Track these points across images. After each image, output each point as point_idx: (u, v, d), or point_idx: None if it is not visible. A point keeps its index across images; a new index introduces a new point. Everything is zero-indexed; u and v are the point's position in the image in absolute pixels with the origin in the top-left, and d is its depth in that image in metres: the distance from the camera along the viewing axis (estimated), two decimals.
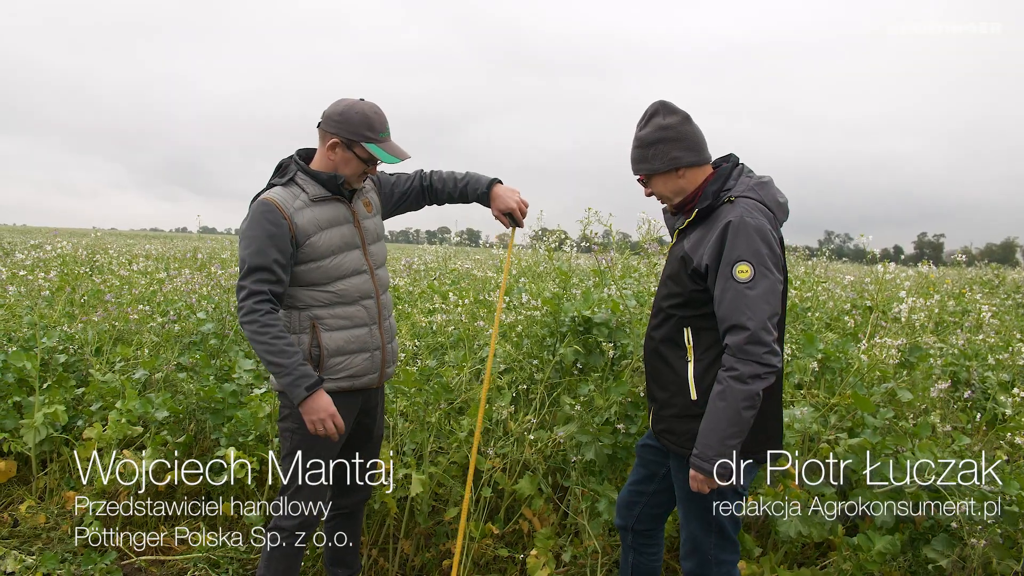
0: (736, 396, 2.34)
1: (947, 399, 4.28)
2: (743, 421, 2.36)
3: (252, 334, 2.68)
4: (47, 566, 3.42)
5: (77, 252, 7.05)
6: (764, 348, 2.33)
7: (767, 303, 2.35)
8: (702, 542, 2.63)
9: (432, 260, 7.51)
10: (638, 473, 2.91)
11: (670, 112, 2.57)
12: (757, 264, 2.35)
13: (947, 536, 3.44)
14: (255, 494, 3.77)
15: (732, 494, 2.57)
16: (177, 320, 4.82)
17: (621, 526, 2.97)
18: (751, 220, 2.38)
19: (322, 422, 2.71)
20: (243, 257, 2.71)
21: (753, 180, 2.53)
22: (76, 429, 4.10)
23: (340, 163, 2.80)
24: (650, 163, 2.58)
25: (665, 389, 2.62)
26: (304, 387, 2.66)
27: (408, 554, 3.66)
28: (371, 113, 2.78)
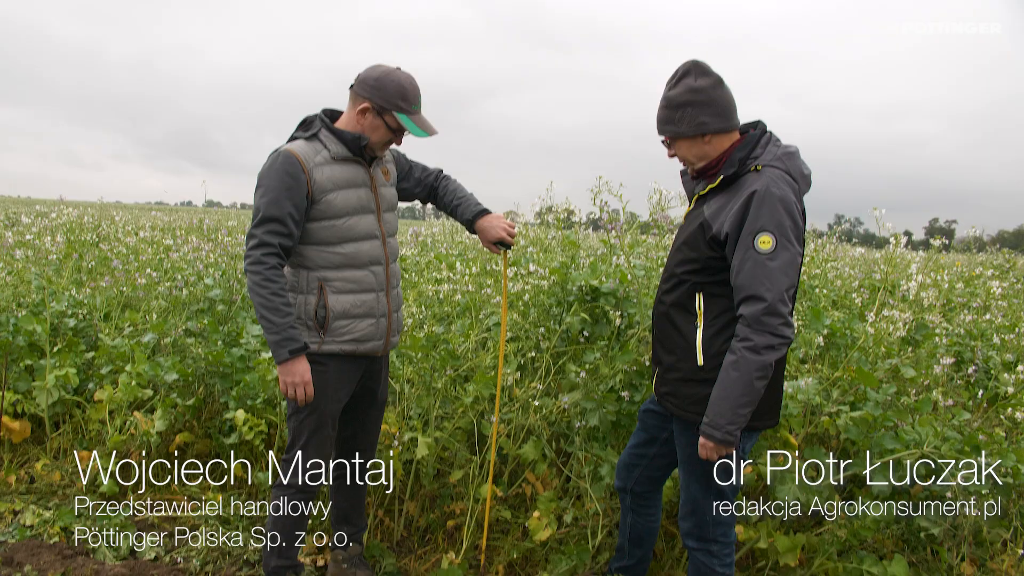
0: (750, 367, 2.40)
1: (950, 376, 4.43)
2: (755, 391, 2.43)
3: (253, 284, 2.76)
4: (64, 520, 3.63)
5: (83, 219, 7.24)
6: (779, 320, 2.38)
7: (786, 275, 2.39)
8: (702, 503, 2.75)
9: (439, 232, 7.67)
10: (639, 437, 3.04)
11: (702, 74, 2.54)
12: (779, 236, 2.38)
13: (941, 506, 3.59)
14: (264, 455, 3.96)
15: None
16: (185, 286, 5.01)
17: (620, 488, 3.12)
18: (777, 191, 2.40)
19: (295, 387, 2.80)
20: (258, 205, 2.77)
21: (780, 150, 2.53)
22: (87, 392, 4.30)
23: (368, 128, 2.87)
24: (676, 126, 2.57)
25: (672, 353, 2.69)
26: (288, 349, 2.75)
27: (413, 515, 3.84)
28: (407, 83, 2.83)
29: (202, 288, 5.02)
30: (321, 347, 2.91)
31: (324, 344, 2.91)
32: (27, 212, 10.03)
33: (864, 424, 3.70)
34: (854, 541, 3.53)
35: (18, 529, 3.59)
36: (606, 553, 3.51)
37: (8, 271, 5.42)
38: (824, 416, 3.87)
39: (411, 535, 3.79)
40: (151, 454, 4.00)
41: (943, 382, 4.42)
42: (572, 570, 3.40)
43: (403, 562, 3.61)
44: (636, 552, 3.20)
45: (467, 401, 3.73)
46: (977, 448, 3.48)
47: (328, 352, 2.92)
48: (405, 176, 3.26)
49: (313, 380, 2.88)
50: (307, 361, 2.82)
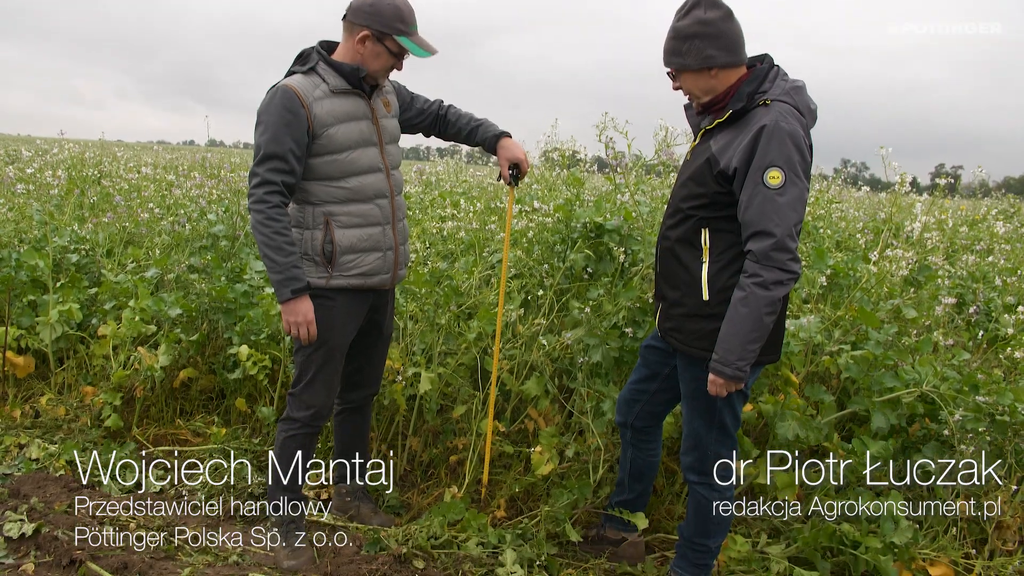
0: (759, 302, 2.38)
1: (951, 317, 4.39)
2: (764, 327, 2.42)
3: (256, 223, 2.73)
4: (69, 454, 3.63)
5: (84, 155, 7.11)
6: (788, 255, 2.36)
7: (794, 211, 2.36)
8: (703, 438, 2.75)
9: (443, 171, 7.56)
10: (640, 372, 3.02)
11: (712, 5, 2.47)
12: (788, 171, 2.34)
13: (937, 443, 3.60)
14: (267, 390, 3.94)
15: (737, 394, 2.67)
16: (188, 222, 4.94)
17: (621, 423, 3.12)
18: (786, 125, 2.36)
19: (298, 326, 2.78)
20: (259, 143, 2.72)
21: (788, 84, 2.48)
22: (91, 327, 4.26)
23: (369, 56, 2.79)
24: (683, 58, 2.51)
25: (676, 288, 2.66)
26: (291, 288, 2.72)
27: (416, 450, 3.84)
28: (402, 5, 2.77)
29: (205, 224, 4.95)
30: (329, 282, 2.87)
31: (332, 279, 2.87)
32: (28, 148, 9.85)
33: (865, 363, 3.68)
34: (851, 478, 3.53)
35: (24, 462, 3.59)
36: (607, 488, 3.51)
37: (9, 207, 5.34)
38: (825, 355, 3.84)
39: (414, 470, 3.80)
40: (155, 389, 3.98)
41: (944, 323, 4.39)
42: (573, 504, 3.41)
43: (406, 496, 3.62)
44: (636, 487, 3.20)
45: (470, 337, 3.69)
46: (975, 387, 3.46)
47: (336, 287, 2.88)
48: (407, 107, 3.19)
49: (321, 315, 2.86)
50: (310, 300, 2.79)
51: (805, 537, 3.25)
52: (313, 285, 2.85)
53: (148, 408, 4.04)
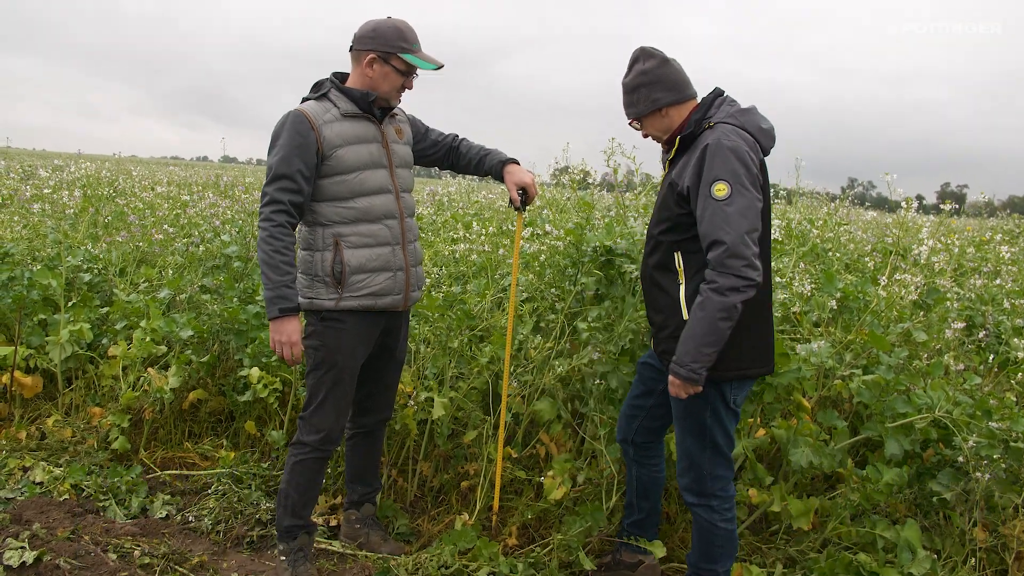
0: (714, 306, 2.41)
1: (961, 341, 4.23)
2: (719, 331, 2.43)
3: (260, 240, 2.73)
4: (74, 477, 3.46)
5: (100, 173, 6.97)
6: (742, 261, 2.38)
7: (744, 218, 2.40)
8: (697, 458, 2.72)
9: (455, 192, 7.43)
10: (637, 388, 3.03)
11: (649, 57, 2.66)
12: (734, 182, 2.40)
13: (952, 470, 3.45)
14: (278, 414, 3.79)
15: (726, 410, 2.67)
16: (201, 243, 4.78)
17: (622, 440, 3.10)
18: (727, 142, 2.44)
19: (282, 345, 2.73)
20: (270, 164, 2.74)
21: (734, 108, 2.59)
22: (101, 347, 4.11)
23: (379, 78, 2.82)
24: (636, 107, 2.69)
25: (660, 312, 2.71)
26: (279, 307, 2.69)
27: (427, 475, 3.68)
28: (402, 26, 2.82)
29: (218, 244, 4.80)
30: (339, 303, 2.82)
31: (342, 300, 2.82)
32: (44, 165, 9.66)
33: (877, 388, 3.53)
34: (867, 505, 3.38)
35: (27, 486, 3.42)
36: (621, 515, 3.35)
37: (24, 224, 5.20)
38: (837, 380, 3.69)
39: (424, 495, 3.64)
40: (164, 411, 3.83)
41: (954, 347, 4.23)
42: (586, 531, 3.25)
43: (416, 523, 3.46)
44: (644, 505, 3.15)
45: (483, 361, 3.54)
46: (988, 412, 3.31)
47: (346, 308, 2.83)
48: (421, 138, 3.20)
49: (331, 337, 2.83)
50: (298, 322, 2.75)
51: (821, 568, 3.10)
52: (324, 307, 2.82)
53: (156, 430, 3.88)
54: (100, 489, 3.43)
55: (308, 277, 2.85)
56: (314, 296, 2.84)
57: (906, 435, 3.40)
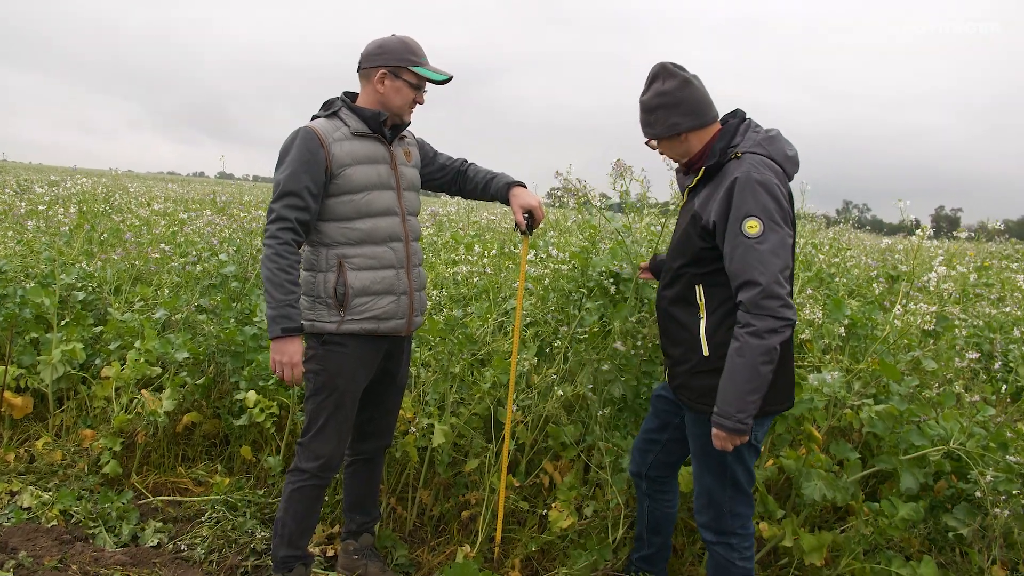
0: (754, 352, 2.26)
1: (974, 371, 4.11)
2: (762, 376, 2.29)
3: (264, 257, 2.62)
4: (63, 503, 3.28)
5: (96, 190, 6.80)
6: (778, 302, 2.25)
7: (778, 257, 2.27)
8: (717, 496, 2.58)
9: (456, 212, 7.29)
10: (652, 422, 2.88)
11: (669, 76, 2.47)
12: (766, 219, 2.27)
13: (968, 505, 3.32)
14: (274, 438, 3.63)
15: (748, 447, 2.52)
16: (198, 261, 4.63)
17: (635, 473, 2.95)
18: (757, 175, 2.30)
19: (283, 366, 2.61)
20: (277, 180, 2.65)
21: (760, 135, 2.44)
22: (93, 368, 3.94)
23: (390, 93, 2.74)
24: (653, 128, 2.52)
25: (678, 346, 2.57)
26: (281, 327, 2.57)
27: (427, 504, 3.53)
28: (408, 40, 2.76)
29: (216, 263, 4.65)
30: (341, 326, 2.70)
31: (344, 323, 2.70)
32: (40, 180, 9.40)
33: (890, 419, 3.39)
34: (881, 540, 3.23)
35: (15, 512, 3.25)
36: (628, 547, 3.20)
37: (18, 240, 5.04)
38: (847, 409, 3.55)
39: (424, 525, 3.48)
40: (158, 434, 3.66)
41: (965, 376, 4.11)
42: (592, 565, 3.10)
43: (416, 553, 3.29)
44: (655, 540, 3.01)
45: (484, 387, 3.39)
46: (1004, 445, 3.18)
47: (348, 332, 2.71)
48: (429, 162, 3.11)
49: (333, 360, 2.71)
50: (300, 343, 2.63)
51: None
52: (325, 330, 2.70)
53: (149, 454, 3.71)
54: (90, 515, 3.26)
55: (310, 299, 2.73)
56: (316, 318, 2.71)
57: (919, 467, 3.27)
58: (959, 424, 3.35)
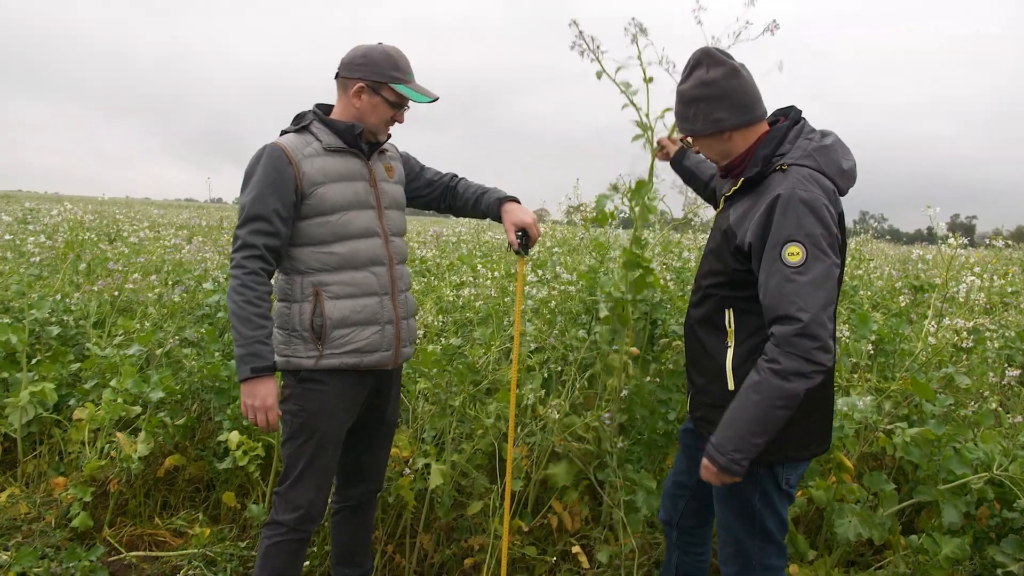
0: (772, 392, 1.90)
1: (1010, 385, 3.76)
2: (774, 420, 1.94)
3: (230, 289, 2.31)
4: (23, 563, 2.87)
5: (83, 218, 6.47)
6: (815, 343, 1.87)
7: (821, 289, 1.89)
8: (746, 546, 2.19)
9: (465, 232, 6.91)
10: (681, 462, 2.50)
11: (715, 63, 2.07)
12: (809, 245, 1.89)
13: (1017, 538, 2.94)
14: (259, 484, 3.27)
15: (779, 493, 2.14)
16: (186, 291, 4.27)
17: (666, 521, 2.55)
18: (803, 193, 1.92)
19: (255, 410, 2.29)
20: (242, 203, 2.33)
21: (812, 143, 2.04)
22: (69, 409, 3.59)
23: (367, 109, 2.42)
24: (691, 123, 2.13)
25: (702, 375, 2.22)
26: (251, 367, 2.25)
27: (427, 550, 3.16)
28: (395, 53, 2.43)
29: (202, 293, 4.30)
30: (319, 362, 2.36)
31: (322, 358, 2.36)
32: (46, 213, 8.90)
33: (926, 444, 3.03)
34: None
35: None
36: None
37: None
38: (879, 433, 3.19)
39: (425, 574, 3.10)
40: (134, 482, 3.30)
41: (1001, 391, 3.75)
42: None
43: None
44: None
45: (487, 422, 3.04)
46: None
47: (327, 367, 2.37)
48: (415, 177, 2.75)
49: (311, 400, 2.37)
50: (274, 383, 2.31)
51: None
52: (302, 366, 2.36)
53: (125, 503, 3.35)
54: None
55: (285, 332, 2.38)
56: (291, 354, 2.37)
57: (960, 496, 2.91)
58: (1000, 446, 2.99)
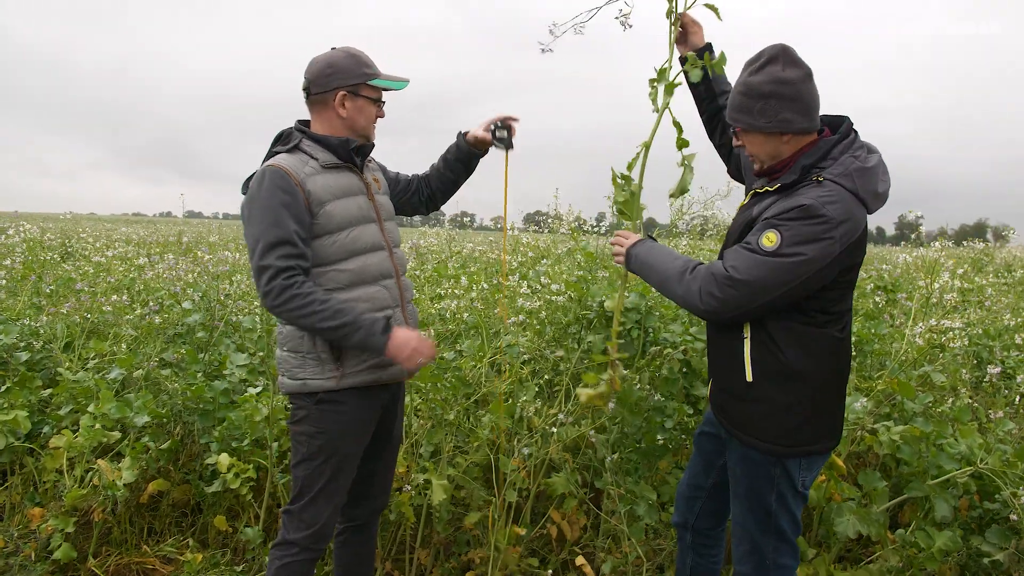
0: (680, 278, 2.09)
1: (978, 380, 3.86)
2: (658, 279, 2.14)
3: (297, 310, 2.15)
4: None
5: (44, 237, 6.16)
6: (720, 294, 2.00)
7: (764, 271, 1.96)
8: (760, 544, 2.19)
9: (435, 243, 6.83)
10: (696, 464, 2.48)
11: (792, 63, 2.01)
12: (789, 243, 1.94)
13: (999, 528, 3.01)
14: (252, 506, 3.13)
15: (793, 494, 2.15)
16: (160, 311, 4.08)
17: (680, 524, 2.54)
18: (824, 209, 1.94)
19: (416, 352, 2.25)
20: (256, 234, 2.17)
21: (856, 164, 2.00)
22: (42, 436, 3.39)
23: (354, 114, 2.35)
24: (754, 118, 2.04)
25: (721, 367, 2.22)
26: (380, 331, 2.19)
27: (425, 565, 3.07)
28: (355, 52, 2.38)
29: (179, 312, 4.10)
30: (341, 382, 2.28)
31: (344, 379, 2.28)
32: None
33: (915, 441, 3.07)
34: (917, 573, 2.90)
35: None
36: None
37: None
38: (866, 432, 3.23)
39: None
40: (118, 509, 3.13)
41: (969, 387, 3.84)
42: None
43: None
44: None
45: (483, 434, 2.97)
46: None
47: (349, 386, 2.29)
48: (394, 182, 2.70)
49: (331, 421, 2.31)
50: (401, 329, 2.26)
51: None
52: (323, 388, 2.27)
53: (109, 531, 3.17)
54: None
55: (298, 355, 2.28)
56: (307, 377, 2.27)
57: (948, 490, 2.96)
58: (982, 440, 3.06)
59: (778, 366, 2.06)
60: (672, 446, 3.16)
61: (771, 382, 2.08)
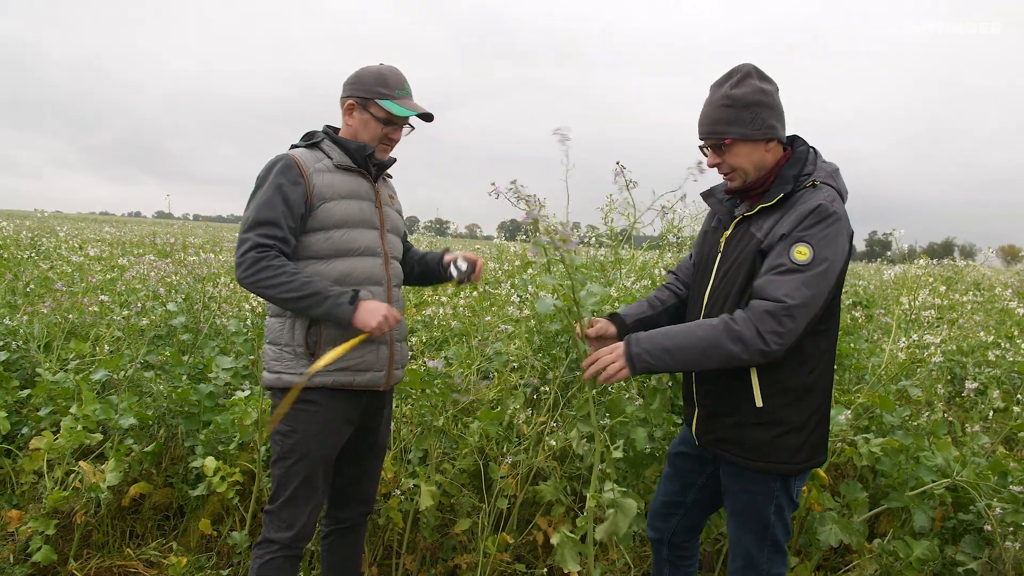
0: (715, 341, 1.97)
1: (951, 395, 3.97)
2: (694, 360, 2.01)
3: (265, 280, 2.21)
4: None
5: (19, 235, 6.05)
6: (779, 327, 1.93)
7: (810, 289, 1.95)
8: (756, 556, 2.23)
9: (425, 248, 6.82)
10: (672, 484, 2.48)
11: (764, 78, 2.13)
12: (819, 251, 1.98)
13: (973, 537, 3.11)
14: (238, 509, 3.12)
15: (789, 504, 2.20)
16: (142, 312, 4.04)
17: (656, 539, 2.55)
18: (839, 210, 2.03)
19: (385, 320, 2.27)
20: (249, 211, 2.29)
21: (829, 167, 2.14)
22: (20, 438, 3.34)
23: (358, 126, 2.45)
24: (744, 127, 2.08)
25: (723, 395, 2.18)
26: (347, 301, 2.23)
27: (411, 570, 3.08)
28: (386, 71, 2.46)
29: (162, 314, 4.07)
30: (312, 379, 2.28)
31: (314, 375, 2.28)
32: None
33: (895, 454, 3.16)
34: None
35: None
36: None
37: None
38: (846, 444, 3.32)
39: None
40: (100, 512, 3.09)
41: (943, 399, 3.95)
42: None
43: None
44: None
45: (472, 440, 2.99)
46: (1004, 474, 3.00)
47: (319, 385, 2.30)
48: None
49: (303, 420, 2.31)
50: (369, 298, 2.32)
51: None
52: (293, 383, 2.28)
53: (90, 533, 3.13)
54: None
55: (276, 348, 2.34)
56: (282, 370, 2.32)
57: (924, 500, 3.06)
58: (958, 454, 3.16)
59: (790, 384, 2.07)
60: (659, 455, 3.21)
61: (784, 402, 2.08)
